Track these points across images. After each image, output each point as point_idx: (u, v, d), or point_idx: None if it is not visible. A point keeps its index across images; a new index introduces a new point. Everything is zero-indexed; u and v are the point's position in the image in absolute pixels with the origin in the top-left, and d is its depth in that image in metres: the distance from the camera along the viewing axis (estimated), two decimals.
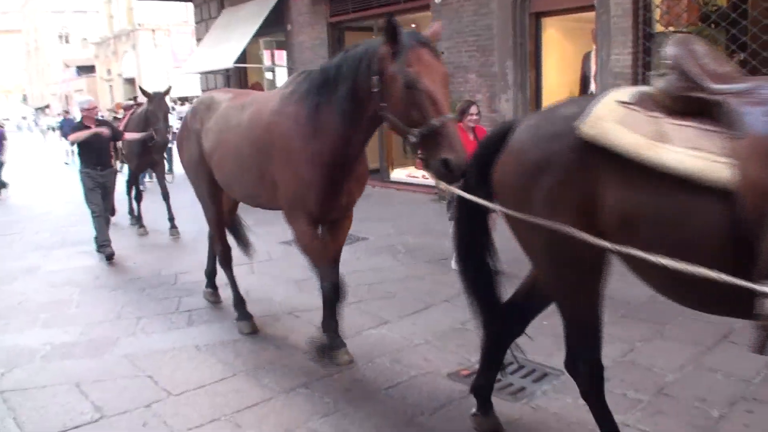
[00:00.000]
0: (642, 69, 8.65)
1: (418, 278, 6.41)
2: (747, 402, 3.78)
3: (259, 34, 14.30)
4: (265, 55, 16.17)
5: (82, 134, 8.09)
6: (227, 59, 14.14)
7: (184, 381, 4.37)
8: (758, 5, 8.74)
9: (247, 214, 6.32)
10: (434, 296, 5.80)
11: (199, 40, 17.16)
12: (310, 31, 13.76)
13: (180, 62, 29.52)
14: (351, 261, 7.14)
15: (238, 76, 16.07)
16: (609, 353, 4.41)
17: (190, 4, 18.11)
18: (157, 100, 9.42)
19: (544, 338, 4.75)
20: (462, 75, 10.74)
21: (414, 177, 12.40)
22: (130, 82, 41.36)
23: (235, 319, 5.40)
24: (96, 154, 8.13)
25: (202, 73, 17.19)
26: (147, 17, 39.88)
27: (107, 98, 42.15)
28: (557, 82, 10.23)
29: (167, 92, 9.92)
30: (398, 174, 12.86)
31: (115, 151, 10.21)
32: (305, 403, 4.02)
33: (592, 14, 9.06)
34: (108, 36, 45.13)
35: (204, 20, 17.11)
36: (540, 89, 10.12)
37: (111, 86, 45.52)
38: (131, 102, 11.33)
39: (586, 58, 9.56)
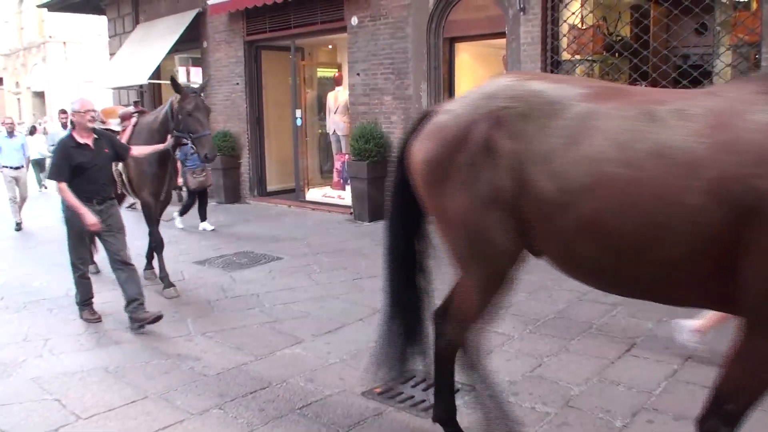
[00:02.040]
0: None
1: (333, 297, 6.43)
2: (648, 412, 3.96)
3: (174, 50, 14.08)
4: (181, 71, 15.92)
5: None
6: (141, 75, 13.85)
7: (93, 404, 4.23)
8: (658, 36, 9.24)
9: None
10: (349, 315, 5.84)
11: (112, 54, 16.72)
12: (227, 49, 13.66)
13: (92, 76, 28.68)
14: (265, 281, 7.12)
15: (152, 93, 15.76)
16: (518, 368, 4.57)
17: (104, 18, 17.66)
18: (193, 98, 6.57)
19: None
20: (378, 97, 10.89)
21: (330, 197, 12.45)
22: (39, 95, 39.85)
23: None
24: (89, 180, 5.66)
25: (114, 89, 16.76)
26: (58, 30, 38.54)
27: (14, 112, 40.46)
28: None
29: (204, 89, 7.16)
30: (314, 194, 12.87)
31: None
32: (219, 424, 3.96)
33: (503, 41, 9.38)
34: (17, 48, 43.43)
35: (118, 34, 16.71)
36: None
37: (19, 99, 43.77)
38: (130, 108, 7.98)
39: None
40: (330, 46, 14.38)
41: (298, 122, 12.89)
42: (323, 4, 11.54)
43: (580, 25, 9.02)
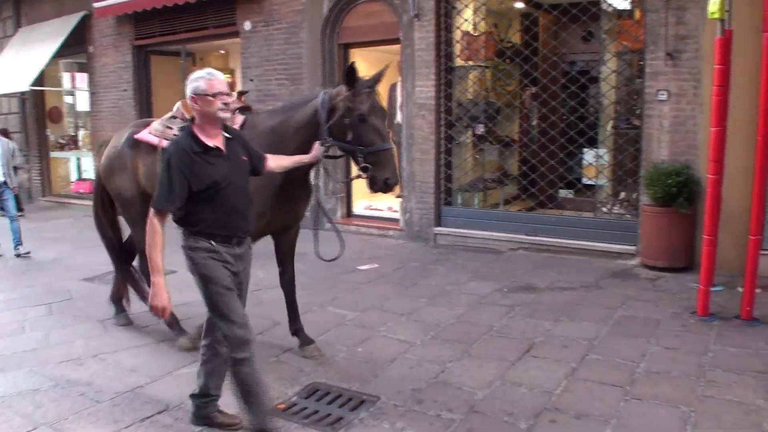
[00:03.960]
0: (444, 100, 9.08)
1: None
2: (550, 412, 3.99)
3: (58, 55, 13.42)
4: (66, 77, 15.19)
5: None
6: (23, 81, 13.09)
7: None
8: (548, 44, 9.51)
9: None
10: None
11: None
12: (114, 54, 13.13)
13: None
14: None
15: (35, 100, 14.96)
16: (421, 375, 4.53)
17: None
18: (369, 96, 4.37)
19: (359, 365, 4.80)
20: (272, 103, 10.68)
21: None
22: None
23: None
24: (225, 206, 3.61)
25: None
26: None
27: None
28: None
29: (378, 81, 4.50)
30: None
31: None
32: None
33: (398, 47, 9.41)
34: None
35: None
36: None
37: None
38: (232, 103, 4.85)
39: (393, 88, 9.89)
40: (222, 51, 14.08)
41: None
42: (215, 9, 11.26)
43: (473, 32, 9.16)
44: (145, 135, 5.27)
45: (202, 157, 3.53)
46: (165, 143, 4.85)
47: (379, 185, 4.33)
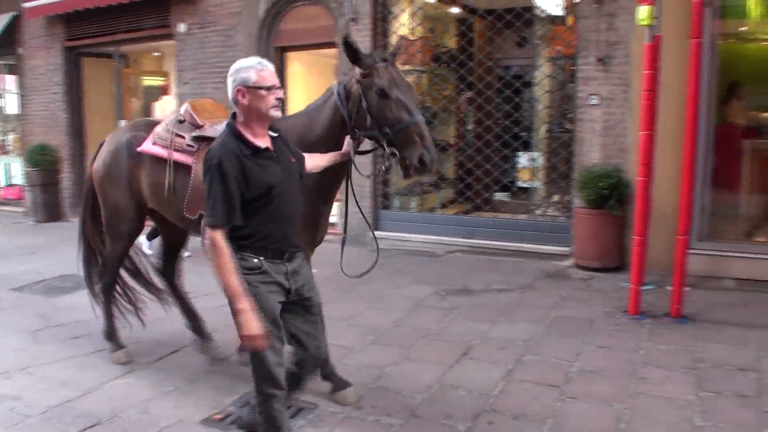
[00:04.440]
0: None
1: (164, 320, 6.05)
2: (488, 414, 4.02)
3: None
4: None
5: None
6: None
7: None
8: (483, 49, 9.63)
9: None
10: (182, 339, 5.51)
11: None
12: (45, 56, 12.72)
13: None
14: (89, 308, 6.60)
15: None
16: (360, 381, 4.51)
17: None
18: (386, 69, 3.69)
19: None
20: None
21: None
22: None
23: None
24: (279, 215, 3.17)
25: None
26: None
27: None
28: None
29: (397, 54, 4.01)
30: None
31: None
32: None
33: (335, 50, 9.38)
34: None
35: None
36: None
37: None
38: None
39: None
40: (157, 54, 13.81)
41: None
42: (148, 10, 11.00)
43: (409, 36, 9.20)
44: (149, 147, 4.57)
45: (253, 160, 3.03)
46: (177, 156, 4.37)
47: (414, 166, 3.58)
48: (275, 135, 3.23)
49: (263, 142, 3.13)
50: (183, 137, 4.41)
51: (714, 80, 6.97)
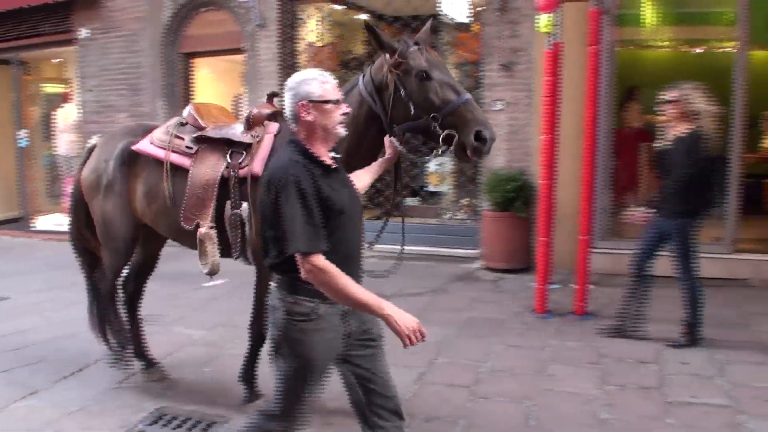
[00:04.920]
0: None
1: (71, 337, 5.81)
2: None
3: None
4: None
5: None
6: None
7: None
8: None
9: None
10: (89, 356, 5.30)
11: None
12: None
13: None
14: None
15: None
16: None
17: None
18: (419, 52, 3.37)
19: (207, 385, 4.65)
20: (111, 114, 10.22)
21: (62, 225, 11.43)
22: None
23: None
24: (348, 240, 2.77)
25: None
26: None
27: None
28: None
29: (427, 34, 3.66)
30: (44, 223, 11.75)
31: None
32: None
33: (242, 57, 9.28)
34: None
35: None
36: None
37: None
38: (260, 109, 4.09)
39: (238, 98, 9.75)
40: (59, 60, 13.27)
41: (23, 143, 11.71)
42: (49, 15, 10.54)
43: (317, 43, 9.20)
44: (146, 146, 4.18)
45: (324, 180, 2.62)
46: (174, 157, 4.03)
47: (473, 146, 3.24)
48: (337, 156, 2.85)
49: (329, 160, 2.75)
50: (182, 139, 4.09)
51: (612, 85, 7.28)
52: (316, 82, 2.70)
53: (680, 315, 5.17)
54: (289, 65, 9.03)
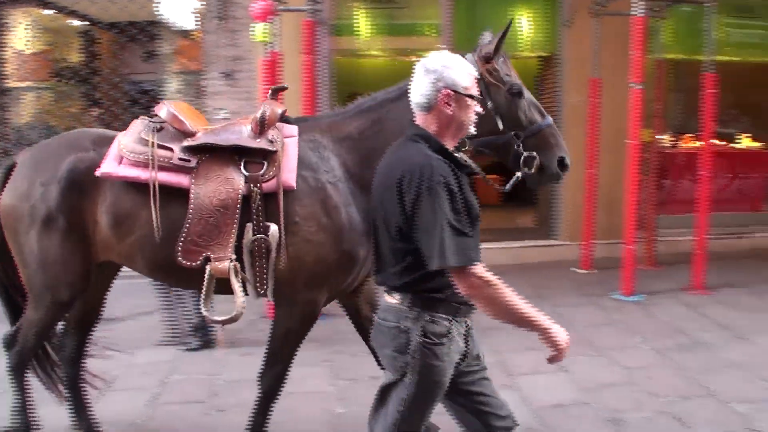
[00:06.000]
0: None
1: None
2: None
3: None
4: None
5: None
6: None
7: None
8: (109, 64, 9.26)
9: None
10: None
11: None
12: None
13: None
14: None
15: None
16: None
17: None
18: (503, 56, 3.16)
19: None
20: None
21: None
22: None
23: None
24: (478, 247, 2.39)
25: None
26: None
27: None
28: None
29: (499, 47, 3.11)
30: None
31: None
32: None
33: None
34: None
35: None
36: None
37: None
38: (274, 108, 3.31)
39: None
40: None
41: None
42: None
43: (26, 51, 8.51)
44: (116, 169, 3.13)
45: (464, 182, 2.33)
46: (164, 176, 3.10)
47: (553, 172, 3.11)
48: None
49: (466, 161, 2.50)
50: (170, 149, 3.14)
51: (332, 92, 7.56)
52: (464, 70, 2.37)
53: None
54: None
